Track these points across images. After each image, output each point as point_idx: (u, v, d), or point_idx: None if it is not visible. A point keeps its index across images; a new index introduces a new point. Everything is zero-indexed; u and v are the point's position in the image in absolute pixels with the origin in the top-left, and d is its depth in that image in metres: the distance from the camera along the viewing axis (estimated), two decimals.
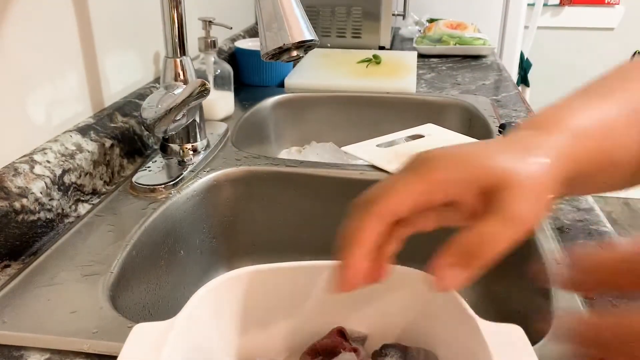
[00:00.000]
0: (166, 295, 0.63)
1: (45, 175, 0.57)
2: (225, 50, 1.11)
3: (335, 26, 1.43)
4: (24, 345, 0.43)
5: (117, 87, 0.76)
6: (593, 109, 0.36)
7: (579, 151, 0.34)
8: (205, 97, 0.63)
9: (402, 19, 1.64)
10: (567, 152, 0.33)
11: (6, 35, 0.55)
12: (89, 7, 0.68)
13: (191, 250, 0.69)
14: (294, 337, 0.40)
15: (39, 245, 0.56)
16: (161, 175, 0.69)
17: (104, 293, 0.49)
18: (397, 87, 1.07)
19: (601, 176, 0.36)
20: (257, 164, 0.75)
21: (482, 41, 1.40)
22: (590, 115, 0.35)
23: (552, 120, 0.35)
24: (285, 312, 0.40)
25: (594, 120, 0.35)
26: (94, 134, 0.66)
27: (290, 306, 0.40)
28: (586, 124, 0.35)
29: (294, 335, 0.40)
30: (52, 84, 0.63)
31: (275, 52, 0.52)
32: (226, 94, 0.93)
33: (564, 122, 0.34)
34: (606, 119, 0.35)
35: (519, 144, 0.33)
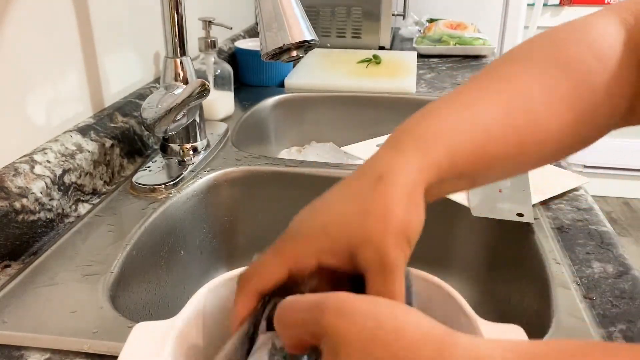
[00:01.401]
0: (166, 295, 0.63)
1: (46, 175, 0.57)
2: (225, 51, 1.11)
3: (335, 26, 1.43)
4: (24, 345, 0.43)
5: (117, 87, 0.76)
6: (465, 118, 0.37)
7: (445, 164, 0.35)
8: (205, 97, 0.63)
9: (402, 19, 1.64)
10: (430, 163, 0.34)
11: (6, 36, 0.55)
12: (89, 7, 0.68)
13: (191, 250, 0.70)
14: None
15: (39, 245, 0.56)
16: (161, 175, 0.69)
17: (104, 293, 0.49)
18: (397, 87, 1.08)
19: (484, 172, 0.38)
20: (257, 164, 0.75)
21: (482, 41, 1.40)
22: (460, 124, 0.36)
23: (418, 135, 0.35)
24: None
25: (472, 131, 0.36)
26: (94, 134, 0.66)
27: None
28: (463, 140, 0.36)
29: None
30: (53, 84, 0.63)
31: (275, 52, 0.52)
32: (226, 94, 0.93)
33: (432, 137, 0.35)
34: (478, 126, 0.36)
35: (364, 189, 0.33)
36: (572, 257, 0.55)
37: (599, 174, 2.69)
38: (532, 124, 0.38)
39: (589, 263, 0.54)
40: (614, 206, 2.70)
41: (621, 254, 0.55)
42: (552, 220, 0.62)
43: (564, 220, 0.61)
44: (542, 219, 0.62)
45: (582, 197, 0.67)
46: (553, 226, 0.60)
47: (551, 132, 0.39)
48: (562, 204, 0.65)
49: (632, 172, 2.70)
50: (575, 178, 0.70)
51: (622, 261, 0.54)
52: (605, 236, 0.58)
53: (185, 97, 0.62)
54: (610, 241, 0.58)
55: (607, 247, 0.57)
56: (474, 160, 0.36)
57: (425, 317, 0.26)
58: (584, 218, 0.62)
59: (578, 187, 0.68)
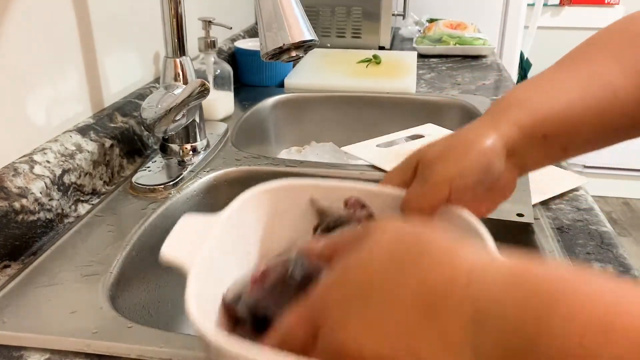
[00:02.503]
0: (166, 295, 0.63)
1: (45, 175, 0.56)
2: (225, 50, 1.11)
3: (335, 26, 1.43)
4: (23, 345, 0.43)
5: (117, 87, 0.76)
6: (547, 89, 0.43)
7: (527, 123, 0.41)
8: (205, 97, 0.63)
9: (402, 19, 1.64)
10: (512, 124, 0.41)
11: (6, 35, 0.55)
12: (88, 7, 0.68)
13: None
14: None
15: (38, 246, 0.56)
16: (161, 175, 0.69)
17: (104, 293, 0.49)
18: (397, 87, 1.07)
19: (568, 137, 0.43)
20: (257, 164, 0.75)
21: (482, 41, 1.40)
22: (542, 94, 0.43)
23: (513, 100, 0.43)
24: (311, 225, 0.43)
25: (552, 97, 0.42)
26: (93, 134, 0.66)
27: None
28: (543, 102, 0.42)
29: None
30: (52, 84, 0.63)
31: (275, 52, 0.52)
32: (226, 94, 0.92)
33: (516, 103, 0.42)
34: (559, 93, 0.42)
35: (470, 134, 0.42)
36: (572, 258, 0.55)
37: (599, 174, 2.69)
38: (610, 95, 0.42)
39: (589, 263, 0.54)
40: (614, 206, 2.70)
41: (621, 254, 0.55)
42: (552, 220, 0.62)
43: (564, 221, 0.61)
44: (542, 219, 0.62)
45: (582, 197, 0.67)
46: (553, 226, 0.60)
47: (630, 105, 0.42)
48: (563, 204, 0.65)
49: (632, 172, 2.70)
50: (575, 178, 0.70)
51: (622, 261, 0.54)
52: (606, 236, 0.58)
53: (185, 97, 0.62)
54: (610, 241, 0.58)
55: (607, 247, 0.57)
56: (555, 122, 0.42)
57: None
58: (584, 218, 0.62)
59: (578, 187, 0.68)
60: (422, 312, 0.26)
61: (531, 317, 0.23)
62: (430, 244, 0.28)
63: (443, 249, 0.28)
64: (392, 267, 0.28)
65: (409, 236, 0.29)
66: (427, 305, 0.26)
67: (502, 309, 0.24)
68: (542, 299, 0.23)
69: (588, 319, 0.21)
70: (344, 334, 0.27)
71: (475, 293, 0.25)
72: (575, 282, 0.23)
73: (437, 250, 0.28)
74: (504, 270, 0.25)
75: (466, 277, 0.26)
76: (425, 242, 0.28)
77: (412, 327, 0.26)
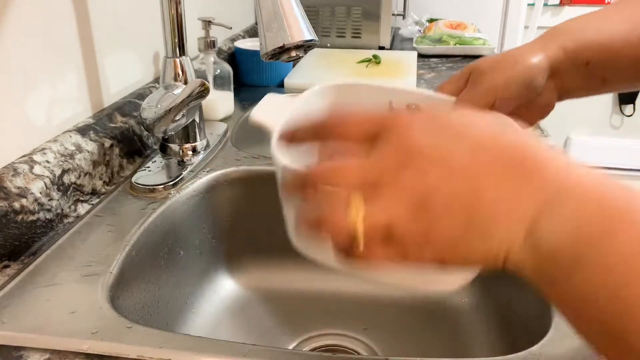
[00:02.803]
0: (166, 295, 0.63)
1: (45, 175, 0.56)
2: (225, 50, 1.11)
3: (335, 26, 1.43)
4: (23, 345, 0.43)
5: (117, 87, 0.76)
6: (593, 21, 0.47)
7: (572, 48, 0.46)
8: (204, 97, 0.63)
9: (402, 19, 1.64)
10: (558, 45, 0.45)
11: (6, 35, 0.55)
12: (88, 7, 0.68)
13: (191, 250, 0.69)
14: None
15: (38, 246, 0.55)
16: (161, 175, 0.69)
17: (104, 293, 0.49)
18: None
19: (610, 67, 0.46)
20: (256, 164, 0.75)
21: (482, 41, 1.40)
22: (588, 24, 0.47)
23: (564, 27, 0.47)
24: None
25: (599, 28, 0.46)
26: (93, 134, 0.66)
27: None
28: (590, 32, 0.46)
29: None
30: (52, 84, 0.62)
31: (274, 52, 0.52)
32: (226, 94, 0.92)
33: (561, 30, 0.47)
34: (603, 25, 0.46)
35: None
36: None
37: None
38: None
39: None
40: None
41: None
42: None
43: None
44: None
45: None
46: None
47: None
48: None
49: (632, 172, 2.70)
50: None
51: None
52: None
53: (185, 97, 0.62)
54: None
55: None
56: (597, 51, 0.45)
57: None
58: None
59: None
60: (506, 169, 0.25)
61: (606, 223, 0.23)
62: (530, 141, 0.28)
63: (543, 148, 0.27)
64: (495, 130, 0.27)
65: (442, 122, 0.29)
66: (513, 167, 0.26)
67: (582, 205, 0.24)
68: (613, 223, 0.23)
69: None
70: (420, 184, 0.27)
71: (564, 182, 0.25)
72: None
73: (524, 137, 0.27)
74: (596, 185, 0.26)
75: (556, 167, 0.26)
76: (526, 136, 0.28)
77: (490, 173, 0.26)
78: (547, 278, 0.24)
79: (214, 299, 0.72)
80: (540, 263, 0.24)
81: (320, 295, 0.75)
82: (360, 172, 0.28)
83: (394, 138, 0.28)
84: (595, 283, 0.22)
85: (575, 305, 0.23)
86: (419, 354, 0.67)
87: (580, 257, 0.23)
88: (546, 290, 0.25)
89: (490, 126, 0.28)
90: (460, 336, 0.68)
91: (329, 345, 0.68)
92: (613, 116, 2.65)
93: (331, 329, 0.70)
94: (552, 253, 0.24)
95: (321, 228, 0.28)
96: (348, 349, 0.67)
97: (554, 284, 0.24)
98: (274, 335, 0.69)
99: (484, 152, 0.26)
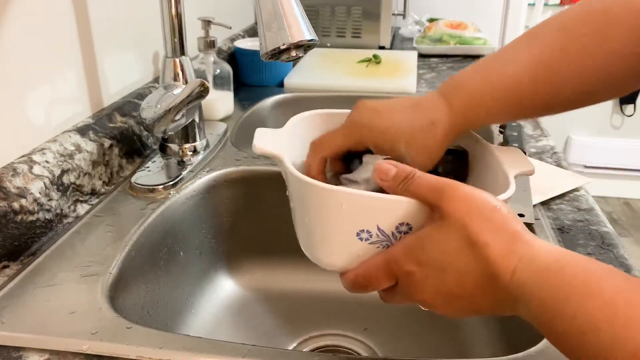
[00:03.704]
0: (165, 295, 0.62)
1: (44, 175, 0.56)
2: (225, 50, 1.10)
3: (335, 26, 1.43)
4: (23, 345, 0.43)
5: (116, 87, 0.76)
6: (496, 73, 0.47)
7: (468, 112, 0.47)
8: (204, 97, 0.63)
9: (402, 19, 1.63)
10: (459, 115, 0.47)
11: (5, 35, 0.55)
12: (88, 7, 0.68)
13: (190, 250, 0.69)
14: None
15: (37, 246, 0.55)
16: (160, 175, 0.69)
17: (103, 294, 0.49)
18: (397, 87, 1.07)
19: (510, 112, 0.48)
20: (256, 164, 0.75)
21: (483, 41, 1.40)
22: (482, 82, 0.47)
23: (456, 88, 0.48)
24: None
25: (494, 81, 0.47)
26: (93, 134, 0.66)
27: None
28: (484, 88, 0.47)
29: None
30: (51, 84, 0.62)
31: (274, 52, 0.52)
32: (226, 94, 0.92)
33: (463, 91, 0.47)
34: (512, 79, 0.46)
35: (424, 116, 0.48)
36: None
37: (600, 174, 2.69)
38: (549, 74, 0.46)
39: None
40: (614, 206, 2.69)
41: (622, 255, 0.55)
42: (553, 220, 0.61)
43: (564, 221, 0.61)
44: (542, 219, 0.61)
45: (583, 197, 0.67)
46: (554, 227, 0.60)
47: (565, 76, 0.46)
48: (563, 204, 0.65)
49: (632, 172, 2.70)
50: (575, 178, 0.70)
51: (623, 262, 0.54)
52: (606, 237, 0.58)
53: (185, 97, 0.62)
54: (611, 242, 0.57)
55: (608, 247, 0.57)
56: (490, 105, 0.47)
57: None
58: (584, 218, 0.62)
59: (579, 188, 0.68)
60: (482, 291, 0.35)
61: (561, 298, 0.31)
62: (495, 231, 0.34)
63: (505, 238, 0.34)
64: (464, 252, 0.35)
65: (478, 222, 0.35)
66: (485, 288, 0.35)
67: (538, 291, 0.32)
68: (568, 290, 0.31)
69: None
70: (420, 296, 0.37)
71: (522, 279, 0.33)
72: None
73: (501, 238, 0.34)
74: (548, 260, 0.33)
75: (514, 264, 0.34)
76: (492, 229, 0.34)
77: (474, 298, 0.36)
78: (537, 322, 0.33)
79: (213, 299, 0.72)
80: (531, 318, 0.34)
81: (321, 295, 0.75)
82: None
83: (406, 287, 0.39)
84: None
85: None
86: (418, 354, 0.67)
87: (549, 317, 0.32)
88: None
89: (461, 256, 0.35)
90: (460, 336, 0.68)
91: (329, 345, 0.68)
92: (614, 116, 2.65)
93: (331, 329, 0.70)
94: (533, 322, 0.33)
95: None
96: (348, 350, 0.67)
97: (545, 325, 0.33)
98: (273, 335, 0.69)
99: (467, 281, 0.35)
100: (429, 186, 0.37)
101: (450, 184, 0.37)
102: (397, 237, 0.38)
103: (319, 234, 0.41)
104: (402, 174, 0.39)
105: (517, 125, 0.86)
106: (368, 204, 0.38)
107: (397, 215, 0.38)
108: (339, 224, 0.39)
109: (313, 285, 0.76)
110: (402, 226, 0.38)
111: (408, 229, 0.38)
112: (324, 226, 0.40)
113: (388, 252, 0.39)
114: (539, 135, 0.86)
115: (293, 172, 0.41)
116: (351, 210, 0.38)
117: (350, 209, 0.38)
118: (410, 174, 0.38)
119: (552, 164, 0.76)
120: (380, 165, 0.40)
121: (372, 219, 0.38)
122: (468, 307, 0.37)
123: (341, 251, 0.40)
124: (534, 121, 0.91)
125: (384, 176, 0.40)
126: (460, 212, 0.35)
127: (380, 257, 0.39)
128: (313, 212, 0.41)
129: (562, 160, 0.76)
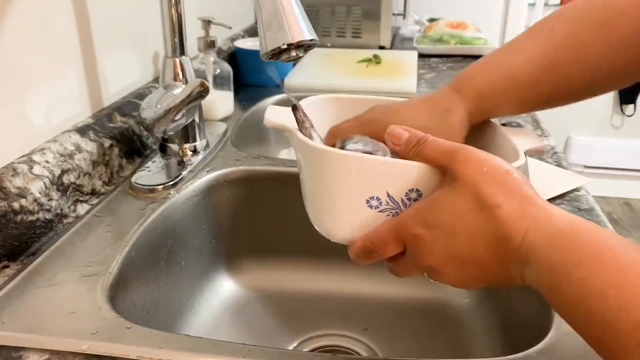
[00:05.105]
0: (165, 295, 0.62)
1: (44, 175, 0.56)
2: (225, 50, 1.10)
3: (335, 26, 1.43)
4: (22, 346, 0.43)
5: (116, 87, 0.76)
6: (503, 64, 0.50)
7: (479, 101, 0.49)
8: (204, 97, 0.63)
9: (402, 19, 1.63)
10: (472, 102, 0.49)
11: (5, 35, 0.55)
12: (88, 7, 0.68)
13: (190, 250, 0.69)
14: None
15: (37, 246, 0.55)
16: (160, 175, 0.68)
17: (103, 294, 0.49)
18: (398, 87, 1.07)
19: (514, 103, 0.50)
20: (256, 164, 0.75)
21: (483, 41, 1.40)
22: (499, 70, 0.50)
23: (466, 80, 0.50)
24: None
25: (501, 74, 0.49)
26: (92, 134, 0.66)
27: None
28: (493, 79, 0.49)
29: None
30: (51, 84, 0.62)
31: (274, 52, 0.52)
32: (226, 94, 0.92)
33: (473, 82, 0.50)
34: (514, 72, 0.49)
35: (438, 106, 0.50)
36: None
37: (600, 174, 2.69)
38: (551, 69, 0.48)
39: None
40: (615, 206, 2.69)
41: None
42: None
43: None
44: None
45: (583, 197, 0.66)
46: None
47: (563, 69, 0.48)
48: (563, 204, 0.65)
49: (633, 172, 2.70)
50: (576, 178, 0.70)
51: None
52: None
53: (185, 97, 0.62)
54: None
55: None
56: (499, 96, 0.49)
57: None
58: (585, 218, 0.62)
59: (579, 188, 0.68)
60: (492, 255, 0.35)
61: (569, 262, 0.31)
62: (507, 194, 0.34)
63: (518, 200, 0.34)
64: (475, 214, 0.34)
65: (491, 184, 0.34)
66: (495, 252, 0.34)
67: (549, 253, 0.32)
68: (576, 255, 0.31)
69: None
70: (429, 261, 0.37)
71: (533, 240, 0.33)
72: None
73: (514, 201, 0.34)
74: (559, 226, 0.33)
75: (527, 227, 0.33)
76: (505, 192, 0.34)
77: (484, 263, 0.35)
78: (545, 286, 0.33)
79: (213, 300, 0.72)
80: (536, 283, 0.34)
81: (321, 295, 0.75)
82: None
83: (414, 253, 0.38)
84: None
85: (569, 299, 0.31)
86: (419, 354, 0.66)
87: (556, 281, 0.31)
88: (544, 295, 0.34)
89: (472, 218, 0.35)
90: (460, 336, 0.68)
91: (329, 345, 0.68)
92: (614, 116, 2.65)
93: (331, 329, 0.70)
94: (539, 287, 0.33)
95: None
96: (348, 350, 0.67)
97: (551, 289, 0.32)
98: (274, 335, 0.69)
99: (477, 244, 0.35)
100: (442, 149, 0.37)
101: (464, 147, 0.36)
102: (406, 204, 0.38)
103: (329, 203, 0.41)
104: (415, 139, 0.39)
105: (517, 125, 0.86)
106: (378, 169, 0.38)
107: (408, 181, 0.38)
108: (349, 191, 0.39)
109: (313, 285, 0.76)
110: (412, 192, 0.38)
111: (418, 195, 0.38)
112: (334, 194, 0.40)
113: (397, 217, 0.38)
114: (539, 135, 0.86)
115: (303, 140, 0.42)
116: (360, 176, 0.38)
117: (359, 174, 0.38)
118: (422, 138, 0.38)
119: (553, 163, 0.76)
120: (392, 129, 0.40)
121: (381, 185, 0.38)
122: (476, 274, 0.36)
123: (351, 220, 0.40)
124: (534, 121, 0.91)
125: (396, 140, 0.40)
126: (473, 174, 0.35)
127: (389, 222, 0.39)
128: (323, 179, 0.41)
129: (563, 160, 0.76)
